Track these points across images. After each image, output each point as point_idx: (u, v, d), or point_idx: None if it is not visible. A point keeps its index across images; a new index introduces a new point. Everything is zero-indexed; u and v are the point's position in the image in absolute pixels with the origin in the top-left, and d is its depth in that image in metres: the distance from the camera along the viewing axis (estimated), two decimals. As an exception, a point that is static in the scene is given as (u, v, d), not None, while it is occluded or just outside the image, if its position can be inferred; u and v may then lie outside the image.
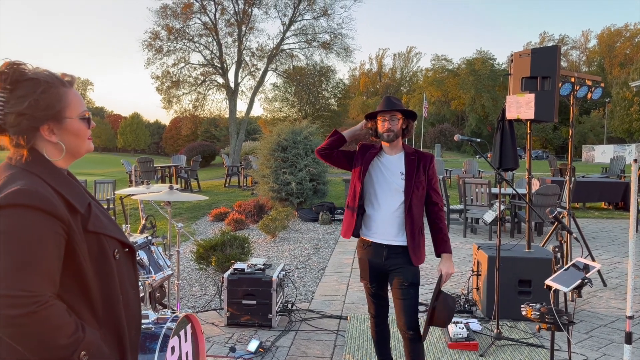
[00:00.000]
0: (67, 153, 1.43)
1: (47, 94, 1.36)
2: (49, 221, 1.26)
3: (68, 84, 1.43)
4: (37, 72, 1.38)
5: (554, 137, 55.42)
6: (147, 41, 28.25)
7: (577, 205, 12.42)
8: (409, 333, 2.85)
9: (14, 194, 1.24)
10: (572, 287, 2.76)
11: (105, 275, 1.40)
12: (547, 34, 67.93)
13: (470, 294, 5.12)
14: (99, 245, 1.39)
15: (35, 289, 1.19)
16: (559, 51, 4.78)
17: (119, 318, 1.43)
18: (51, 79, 1.39)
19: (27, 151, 1.36)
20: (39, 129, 1.36)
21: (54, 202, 1.28)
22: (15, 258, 1.19)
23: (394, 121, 2.91)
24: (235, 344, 3.97)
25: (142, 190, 3.76)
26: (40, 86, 1.35)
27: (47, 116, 1.36)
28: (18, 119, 1.33)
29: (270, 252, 7.44)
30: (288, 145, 10.86)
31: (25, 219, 1.23)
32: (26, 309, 1.16)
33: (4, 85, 1.33)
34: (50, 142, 1.39)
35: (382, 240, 2.92)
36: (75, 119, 1.42)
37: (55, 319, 1.21)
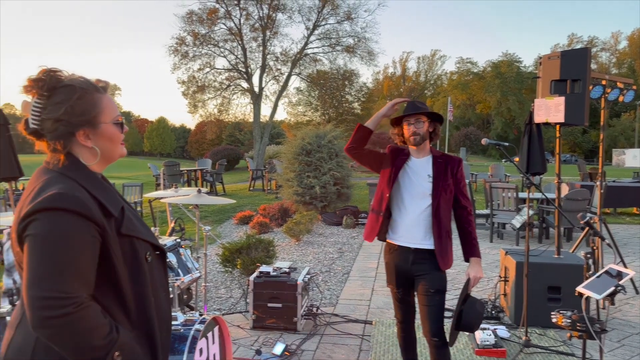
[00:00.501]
0: (102, 157, 1.46)
1: (83, 100, 1.39)
2: (85, 224, 1.29)
3: (102, 89, 1.47)
4: (72, 78, 1.42)
5: (583, 140, 54.23)
6: (173, 47, 28.74)
7: (607, 211, 12.12)
8: (434, 340, 2.82)
9: (51, 197, 1.27)
10: (605, 294, 2.70)
11: (138, 278, 1.43)
12: (576, 35, 66.55)
13: (497, 300, 5.04)
14: (132, 248, 1.42)
15: (71, 291, 1.22)
16: (589, 53, 4.69)
17: (151, 319, 1.45)
18: (86, 85, 1.43)
19: (63, 156, 1.39)
20: (75, 134, 1.40)
21: (89, 206, 1.31)
22: (52, 261, 1.22)
23: (419, 124, 2.90)
24: (260, 346, 3.99)
25: (170, 193, 3.82)
26: (76, 92, 1.39)
27: (83, 122, 1.40)
28: (55, 124, 1.37)
29: (294, 255, 7.47)
30: (312, 149, 10.89)
31: (62, 222, 1.26)
32: (62, 311, 1.19)
33: (40, 92, 1.37)
34: (85, 147, 1.42)
35: (409, 244, 2.89)
36: (109, 124, 1.46)
37: (91, 320, 1.24)
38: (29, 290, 1.20)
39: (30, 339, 1.30)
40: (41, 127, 1.38)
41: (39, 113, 1.37)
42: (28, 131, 1.41)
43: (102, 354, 1.26)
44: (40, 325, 1.19)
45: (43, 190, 1.30)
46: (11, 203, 6.15)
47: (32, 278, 1.20)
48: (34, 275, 1.20)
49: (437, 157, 2.96)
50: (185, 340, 2.55)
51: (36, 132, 1.40)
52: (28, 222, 1.26)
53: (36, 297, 1.19)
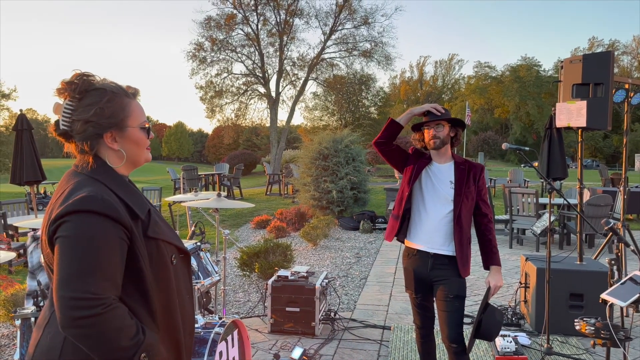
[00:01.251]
0: (128, 161, 1.49)
1: (112, 103, 1.43)
2: (113, 227, 1.31)
3: (132, 95, 1.51)
4: (104, 82, 1.46)
5: (604, 145, 53.36)
6: (191, 52, 29.04)
7: (630, 217, 11.90)
8: (452, 346, 2.80)
9: (81, 200, 1.30)
10: (630, 301, 2.64)
11: (164, 280, 1.44)
12: (596, 39, 65.51)
13: (517, 307, 4.98)
14: (158, 251, 1.44)
15: (100, 292, 1.24)
16: (612, 57, 4.62)
17: (176, 322, 1.47)
18: (117, 89, 1.47)
19: (92, 159, 1.43)
20: (103, 136, 1.43)
21: (118, 208, 1.34)
22: (81, 262, 1.24)
23: (439, 127, 2.88)
24: (279, 351, 3.99)
25: (190, 197, 3.86)
26: (106, 95, 1.43)
27: (111, 124, 1.43)
28: (84, 126, 1.40)
29: (311, 260, 7.46)
30: (329, 153, 10.90)
31: (91, 224, 1.28)
32: (91, 311, 1.21)
33: (72, 95, 1.41)
34: (112, 150, 1.46)
35: (428, 249, 2.87)
36: (136, 128, 1.49)
37: (118, 321, 1.26)
38: (59, 290, 1.22)
39: (58, 340, 1.32)
40: (71, 128, 1.42)
41: (69, 114, 1.41)
42: (58, 132, 1.45)
43: (129, 354, 1.27)
44: (69, 325, 1.21)
45: (73, 192, 1.33)
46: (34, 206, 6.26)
47: (62, 279, 1.23)
48: (64, 276, 1.23)
49: (459, 163, 2.94)
50: (205, 343, 2.56)
51: (65, 134, 1.43)
52: (59, 224, 1.29)
53: (66, 297, 1.21)
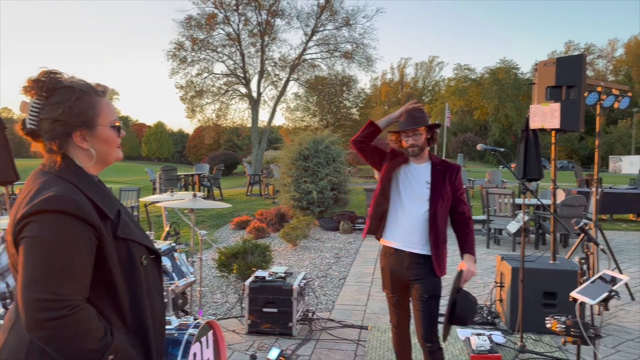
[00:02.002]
0: (97, 160, 1.47)
1: (81, 101, 1.41)
2: (81, 227, 1.29)
3: (101, 93, 1.49)
4: (72, 80, 1.43)
5: (580, 147, 54.40)
6: (171, 51, 28.80)
7: (604, 217, 12.15)
8: (427, 345, 2.82)
9: (48, 200, 1.27)
10: (599, 299, 2.70)
11: (133, 281, 1.43)
12: (573, 43, 66.78)
13: (493, 306, 5.04)
14: (128, 252, 1.42)
15: (66, 294, 1.22)
16: (584, 60, 4.72)
17: (145, 323, 1.45)
18: (85, 87, 1.44)
19: (60, 158, 1.40)
20: (72, 135, 1.41)
21: (86, 208, 1.32)
22: (47, 263, 1.22)
23: (417, 136, 2.90)
24: (255, 352, 3.98)
25: (166, 197, 3.82)
26: (75, 94, 1.40)
27: (80, 123, 1.41)
28: (52, 124, 1.38)
29: (291, 260, 7.46)
30: (309, 154, 10.90)
31: (59, 224, 1.26)
32: (57, 313, 1.19)
33: (40, 93, 1.38)
34: (81, 149, 1.43)
35: (404, 247, 2.89)
36: (106, 126, 1.47)
37: (86, 323, 1.24)
38: (24, 292, 1.20)
39: (24, 342, 1.29)
40: (38, 127, 1.39)
41: (37, 113, 1.38)
42: (25, 131, 1.42)
43: (96, 357, 1.26)
44: (34, 327, 1.19)
45: (40, 192, 1.31)
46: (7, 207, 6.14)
47: (27, 280, 1.21)
48: (30, 278, 1.21)
49: (436, 164, 2.96)
50: (179, 344, 2.54)
51: (33, 133, 1.40)
52: (24, 224, 1.26)
53: (31, 299, 1.19)
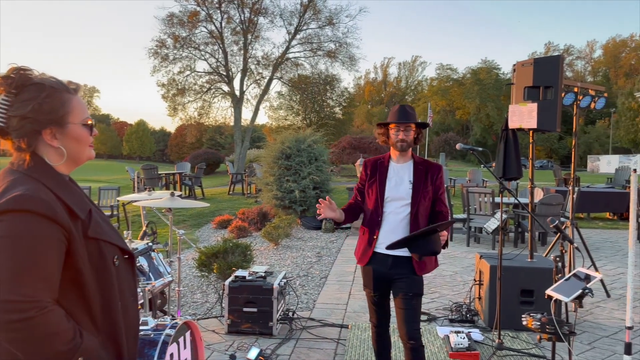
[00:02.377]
0: (68, 159, 1.44)
1: (51, 98, 1.38)
2: (50, 227, 1.27)
3: (73, 90, 1.46)
4: (43, 77, 1.40)
5: (559, 146, 55.27)
6: (153, 49, 28.55)
7: (581, 216, 12.36)
8: (410, 343, 2.82)
9: (16, 199, 1.25)
10: (573, 297, 2.75)
11: (105, 282, 1.40)
12: (552, 44, 67.96)
13: (472, 304, 5.09)
14: (99, 252, 1.40)
15: (34, 295, 1.20)
16: (561, 61, 4.79)
17: (117, 325, 1.43)
18: (56, 84, 1.41)
19: (29, 156, 1.37)
20: (41, 132, 1.38)
21: (55, 208, 1.29)
22: (16, 263, 1.20)
23: (407, 132, 2.90)
24: (235, 351, 3.96)
25: (144, 196, 3.78)
26: (45, 91, 1.37)
27: (50, 120, 1.38)
28: (21, 122, 1.35)
29: (272, 259, 7.44)
30: (292, 153, 10.88)
31: (27, 224, 1.24)
32: (25, 314, 1.17)
33: (9, 90, 1.36)
34: (51, 147, 1.40)
35: (388, 251, 2.87)
36: (77, 124, 1.44)
37: (54, 324, 1.22)
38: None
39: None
40: (7, 124, 1.36)
41: (5, 110, 1.35)
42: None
43: (65, 359, 1.24)
44: (1, 328, 1.17)
45: (7, 191, 1.28)
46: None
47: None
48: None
49: (418, 163, 2.98)
50: (155, 345, 2.51)
51: (1, 130, 1.37)
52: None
53: None
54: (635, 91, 40.59)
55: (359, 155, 25.67)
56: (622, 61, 62.52)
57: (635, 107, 43.04)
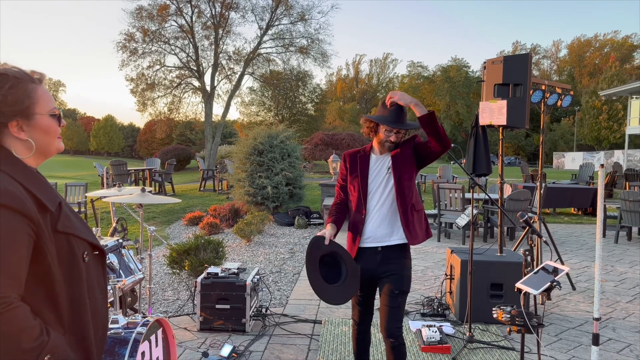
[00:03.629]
0: (37, 151, 1.40)
1: (16, 89, 1.33)
2: (18, 221, 1.23)
3: (37, 80, 1.41)
4: (5, 67, 1.36)
5: (526, 144, 56.55)
6: (121, 43, 27.95)
7: (547, 211, 12.68)
8: (391, 340, 2.78)
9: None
10: (542, 289, 2.81)
11: (74, 278, 1.36)
12: (520, 43, 69.31)
13: (443, 298, 5.17)
14: (69, 247, 1.36)
15: (1, 291, 1.16)
16: (530, 59, 4.89)
17: (85, 322, 1.39)
18: (20, 74, 1.37)
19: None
20: (7, 125, 1.34)
21: (24, 201, 1.25)
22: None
23: (399, 134, 2.86)
24: (208, 349, 3.92)
25: (113, 192, 3.69)
26: (9, 81, 1.33)
27: (15, 112, 1.34)
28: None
29: (245, 256, 7.39)
30: (264, 149, 10.83)
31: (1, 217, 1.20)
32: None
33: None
34: (19, 140, 1.36)
35: (376, 244, 2.85)
36: (45, 115, 1.40)
37: (20, 321, 1.18)
38: None
39: None
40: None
41: None
42: None
43: (31, 357, 1.20)
44: None
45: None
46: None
47: None
48: None
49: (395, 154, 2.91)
50: (126, 343, 2.46)
51: None
52: None
53: None
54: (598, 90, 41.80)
55: (331, 151, 25.74)
56: (586, 60, 64.28)
57: (599, 106, 44.36)
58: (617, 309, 5.15)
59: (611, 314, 4.98)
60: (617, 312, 5.05)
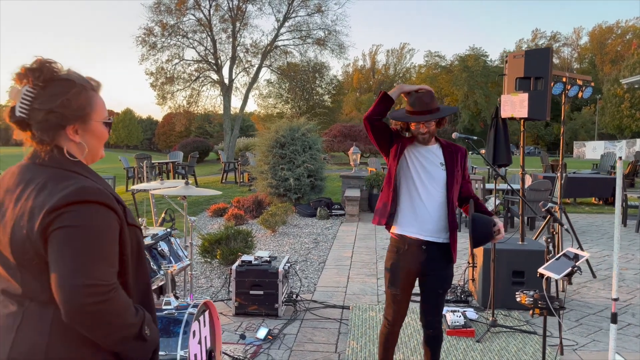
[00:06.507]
0: (87, 154, 1.48)
1: (80, 95, 1.41)
2: (111, 215, 1.35)
3: (96, 88, 1.50)
4: (70, 73, 1.44)
5: (546, 133, 55.95)
6: (140, 37, 28.29)
7: (568, 201, 12.70)
8: (430, 331, 2.92)
9: (77, 191, 1.31)
10: (563, 274, 2.98)
11: (141, 267, 1.50)
12: (539, 30, 68.46)
13: (466, 285, 5.35)
14: (137, 237, 1.48)
15: (107, 278, 1.29)
16: (551, 53, 5.00)
17: (152, 306, 1.52)
18: (84, 81, 1.45)
19: (54, 150, 1.40)
20: (66, 128, 1.39)
21: (110, 196, 1.37)
22: (89, 250, 1.28)
23: (429, 123, 2.74)
24: (244, 331, 4.17)
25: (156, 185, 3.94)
26: (75, 87, 1.41)
27: (76, 117, 1.41)
28: (47, 115, 1.35)
29: (270, 246, 7.64)
30: (286, 141, 11.05)
31: (93, 214, 1.31)
32: (101, 297, 1.25)
33: (35, 82, 1.35)
34: (73, 142, 1.42)
35: (422, 236, 2.76)
36: (99, 122, 1.48)
37: (123, 301, 1.32)
38: (67, 280, 1.24)
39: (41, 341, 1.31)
40: (29, 116, 1.35)
41: (29, 102, 1.35)
42: (12, 119, 1.37)
43: (136, 330, 1.35)
44: (79, 312, 1.24)
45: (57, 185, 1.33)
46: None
47: (69, 268, 1.25)
48: (71, 266, 1.25)
49: (445, 146, 2.86)
50: (179, 323, 2.70)
51: (22, 122, 1.37)
52: (56, 215, 1.28)
53: (75, 285, 1.23)
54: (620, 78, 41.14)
55: (349, 143, 25.87)
56: (607, 48, 63.14)
57: (621, 94, 43.67)
58: (637, 295, 5.28)
59: (631, 301, 5.11)
60: (637, 298, 5.18)
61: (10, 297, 1.37)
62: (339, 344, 4.01)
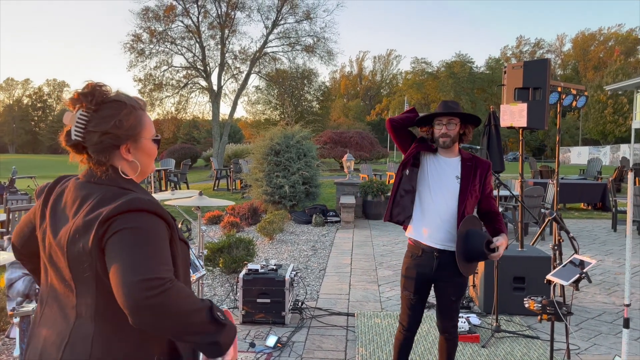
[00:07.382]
0: (140, 172, 1.55)
1: (131, 115, 1.49)
2: (162, 224, 1.41)
3: (143, 106, 1.58)
4: (119, 94, 1.51)
5: (531, 139, 56.57)
6: (128, 44, 28.21)
7: (558, 207, 12.91)
8: (445, 334, 3.00)
9: (131, 201, 1.37)
10: (572, 281, 3.08)
11: (187, 282, 1.56)
12: (524, 37, 69.58)
13: (467, 291, 5.44)
14: (185, 252, 1.55)
15: (163, 274, 1.32)
16: (549, 64, 5.14)
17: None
18: (133, 102, 1.52)
19: (108, 169, 1.47)
20: (120, 147, 1.46)
21: (163, 208, 1.45)
22: (143, 248, 1.32)
23: (450, 125, 2.82)
24: (253, 339, 4.20)
25: (167, 196, 3.98)
26: (125, 108, 1.48)
27: (128, 136, 1.48)
28: (102, 137, 1.41)
29: (269, 253, 7.67)
30: (281, 149, 11.10)
31: (145, 219, 1.37)
32: (159, 290, 1.27)
33: (88, 106, 1.42)
34: (126, 161, 1.49)
35: (434, 244, 2.84)
36: (149, 139, 1.56)
37: (183, 291, 1.33)
38: (127, 276, 1.28)
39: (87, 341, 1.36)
40: (84, 139, 1.42)
41: (84, 126, 1.41)
42: (69, 143, 1.44)
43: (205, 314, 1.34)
44: (142, 306, 1.26)
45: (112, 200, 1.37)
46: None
47: (128, 266, 1.29)
48: (131, 263, 1.29)
49: (466, 159, 2.91)
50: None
51: (77, 145, 1.43)
52: (111, 222, 1.33)
53: (136, 281, 1.27)
54: (603, 84, 41.88)
55: (340, 149, 25.99)
56: (590, 54, 64.32)
57: (604, 100, 44.46)
58: (632, 300, 5.42)
59: (627, 305, 5.24)
60: (633, 302, 5.32)
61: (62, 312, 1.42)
62: (347, 351, 4.07)
